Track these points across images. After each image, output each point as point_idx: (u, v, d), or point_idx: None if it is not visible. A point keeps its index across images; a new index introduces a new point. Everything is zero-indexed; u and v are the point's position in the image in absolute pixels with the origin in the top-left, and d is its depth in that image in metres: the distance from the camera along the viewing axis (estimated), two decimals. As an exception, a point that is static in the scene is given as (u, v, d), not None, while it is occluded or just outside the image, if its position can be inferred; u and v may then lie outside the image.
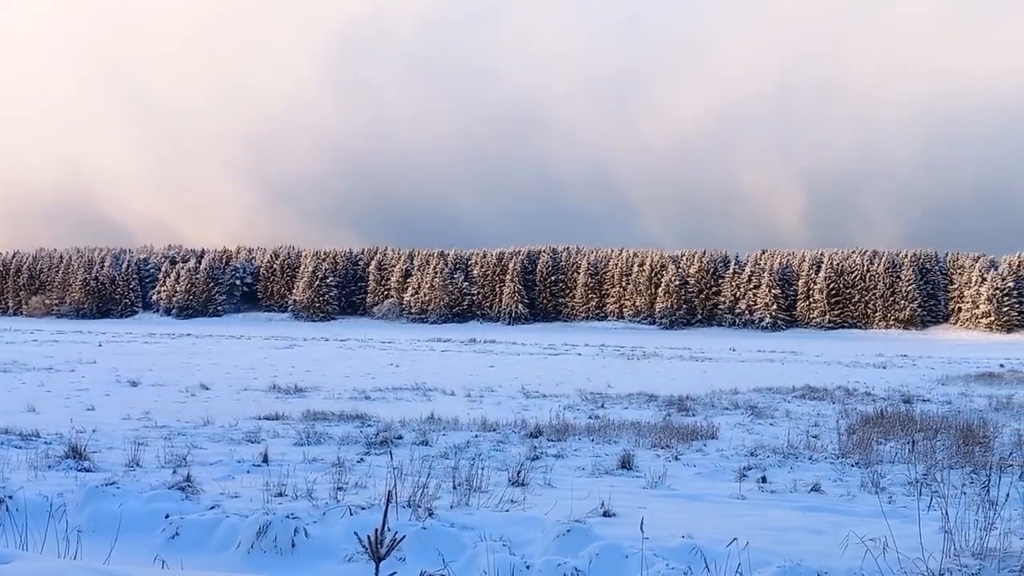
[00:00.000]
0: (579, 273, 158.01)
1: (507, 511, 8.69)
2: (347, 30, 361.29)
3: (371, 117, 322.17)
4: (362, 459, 12.79)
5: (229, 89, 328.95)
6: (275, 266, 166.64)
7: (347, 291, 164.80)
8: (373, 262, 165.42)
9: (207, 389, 25.53)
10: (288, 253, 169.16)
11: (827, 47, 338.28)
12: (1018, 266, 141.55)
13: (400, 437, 15.37)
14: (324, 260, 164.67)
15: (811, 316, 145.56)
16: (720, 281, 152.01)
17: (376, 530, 3.58)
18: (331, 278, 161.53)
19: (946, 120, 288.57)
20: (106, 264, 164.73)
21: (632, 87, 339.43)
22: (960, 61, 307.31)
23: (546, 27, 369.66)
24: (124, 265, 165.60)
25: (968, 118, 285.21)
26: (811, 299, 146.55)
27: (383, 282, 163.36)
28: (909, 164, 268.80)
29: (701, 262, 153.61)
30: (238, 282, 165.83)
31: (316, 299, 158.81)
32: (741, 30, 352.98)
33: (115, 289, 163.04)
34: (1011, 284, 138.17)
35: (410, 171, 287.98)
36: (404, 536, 4.50)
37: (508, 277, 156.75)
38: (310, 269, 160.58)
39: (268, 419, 18.23)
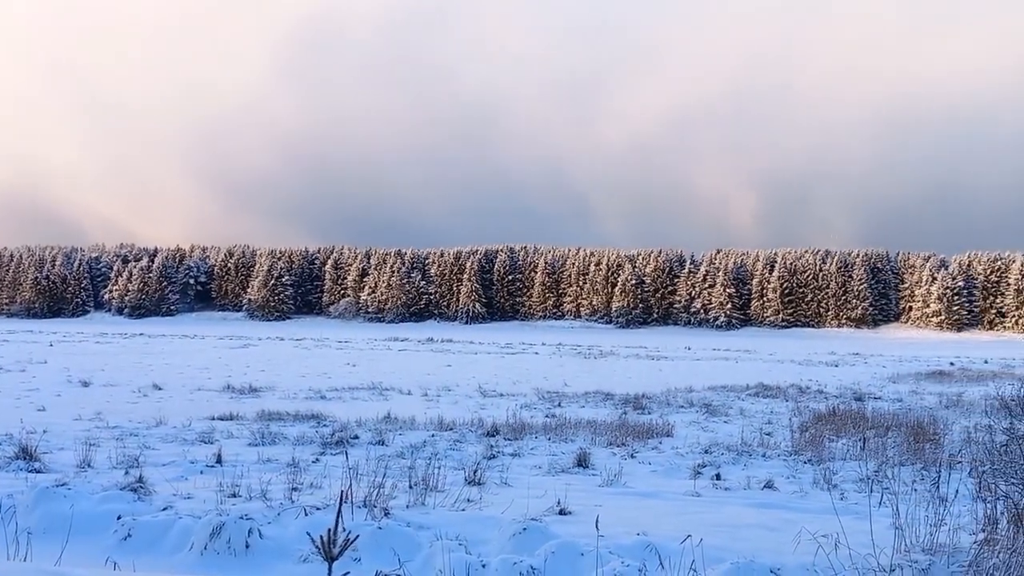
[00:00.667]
0: (536, 272, 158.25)
1: (463, 510, 8.69)
2: (303, 28, 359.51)
3: (327, 116, 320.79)
4: (317, 459, 12.71)
5: (182, 86, 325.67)
6: (230, 265, 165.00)
7: (303, 290, 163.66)
8: (329, 261, 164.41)
9: (160, 389, 25.22)
10: (243, 252, 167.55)
11: (779, 49, 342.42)
12: (968, 266, 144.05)
13: (356, 437, 15.29)
14: (280, 259, 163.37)
15: (765, 315, 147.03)
16: (676, 280, 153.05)
17: (329, 530, 3.57)
18: (287, 277, 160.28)
19: (896, 121, 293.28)
20: (57, 263, 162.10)
21: (589, 88, 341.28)
22: (910, 63, 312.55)
23: (503, 28, 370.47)
24: (76, 264, 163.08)
25: (918, 119, 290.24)
26: (765, 298, 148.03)
27: (339, 281, 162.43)
28: (860, 165, 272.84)
29: (657, 261, 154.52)
30: (192, 281, 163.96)
31: (271, 298, 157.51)
32: (695, 33, 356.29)
33: (66, 288, 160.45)
34: (961, 283, 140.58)
35: (367, 170, 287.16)
36: (358, 536, 4.49)
37: (466, 276, 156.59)
38: (265, 268, 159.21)
39: (222, 419, 18.05)
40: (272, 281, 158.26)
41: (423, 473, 9.83)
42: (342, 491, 5.09)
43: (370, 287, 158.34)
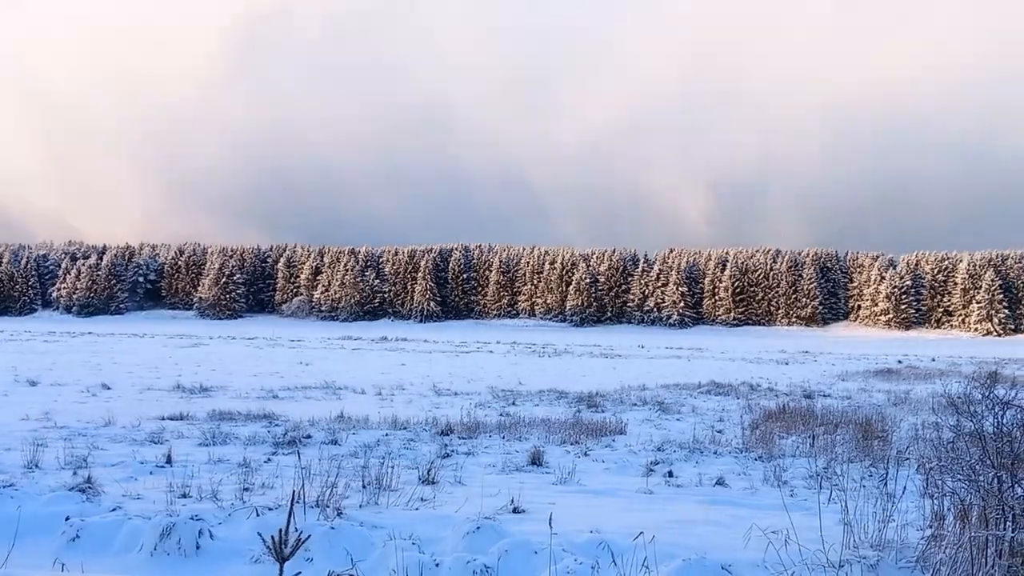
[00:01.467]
0: (491, 271, 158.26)
1: (417, 509, 8.67)
2: (251, 25, 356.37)
3: (279, 113, 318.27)
4: (269, 459, 12.61)
5: (129, 82, 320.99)
6: (180, 263, 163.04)
7: (255, 289, 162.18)
8: (282, 259, 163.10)
9: (109, 389, 24.85)
10: (194, 250, 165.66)
11: (729, 51, 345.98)
12: (916, 265, 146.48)
13: (309, 436, 15.19)
14: (231, 257, 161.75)
15: (717, 313, 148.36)
16: (629, 279, 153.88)
17: (280, 530, 3.54)
18: (238, 275, 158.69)
19: (843, 122, 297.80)
20: (3, 260, 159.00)
21: (542, 88, 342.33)
22: (857, 65, 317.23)
23: (455, 27, 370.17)
24: (23, 262, 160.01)
25: (864, 121, 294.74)
26: (717, 297, 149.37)
27: (292, 279, 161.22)
28: (809, 165, 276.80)
29: (611, 260, 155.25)
30: (141, 279, 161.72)
31: (223, 297, 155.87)
32: (647, 34, 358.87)
33: (13, 286, 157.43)
34: (909, 282, 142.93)
35: (319, 168, 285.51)
36: (309, 536, 4.46)
37: (420, 275, 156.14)
38: (216, 266, 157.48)
39: (172, 419, 17.84)
40: (224, 279, 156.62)
41: (376, 472, 9.79)
42: (294, 491, 5.06)
43: (323, 285, 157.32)
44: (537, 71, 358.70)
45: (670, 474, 12.08)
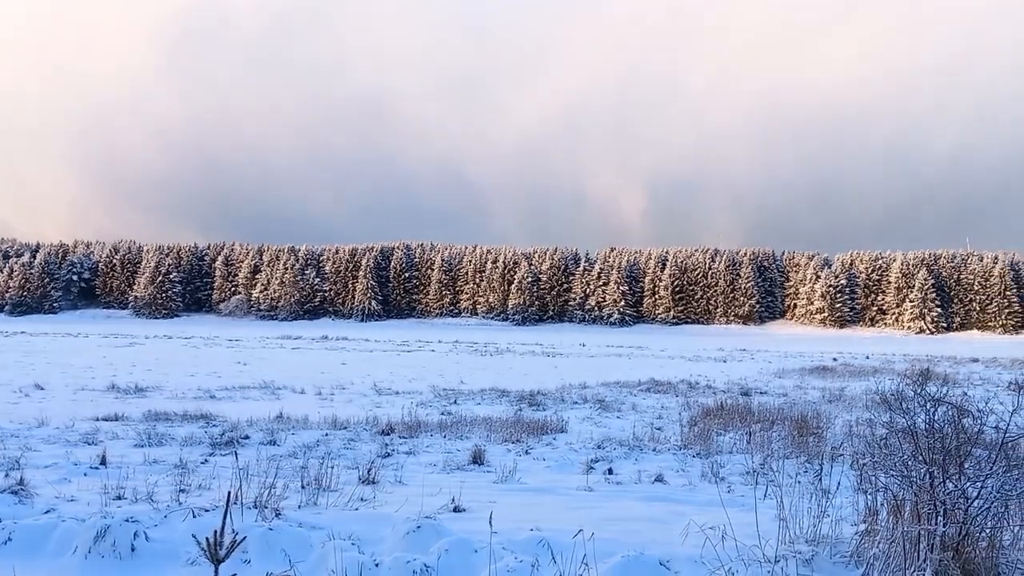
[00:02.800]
0: (433, 270, 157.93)
1: (357, 509, 8.61)
2: (187, 20, 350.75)
3: (215, 111, 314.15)
4: (206, 460, 12.44)
5: (58, 78, 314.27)
6: (115, 261, 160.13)
7: (192, 287, 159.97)
8: (220, 257, 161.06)
9: (42, 389, 24.33)
10: (129, 248, 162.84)
11: (666, 50, 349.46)
12: (850, 265, 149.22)
13: (247, 437, 15.02)
14: (168, 255, 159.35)
15: (657, 312, 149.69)
16: (571, 278, 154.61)
17: (215, 532, 3.49)
18: (175, 274, 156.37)
19: (778, 122, 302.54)
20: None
21: (480, 86, 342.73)
22: (790, 65, 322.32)
23: (394, 26, 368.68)
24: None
25: (797, 122, 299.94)
26: (657, 296, 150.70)
27: (230, 278, 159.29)
28: (744, 165, 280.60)
29: (553, 259, 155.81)
30: (75, 278, 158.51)
31: (159, 295, 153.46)
32: (584, 33, 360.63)
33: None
34: (843, 282, 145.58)
35: (257, 166, 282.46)
36: (245, 537, 4.41)
37: (361, 273, 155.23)
38: (152, 264, 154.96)
39: (107, 420, 17.53)
40: (160, 278, 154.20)
41: (316, 473, 9.71)
42: (229, 492, 4.99)
43: (262, 284, 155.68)
44: (476, 69, 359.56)
45: (610, 471, 12.16)
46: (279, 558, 6.65)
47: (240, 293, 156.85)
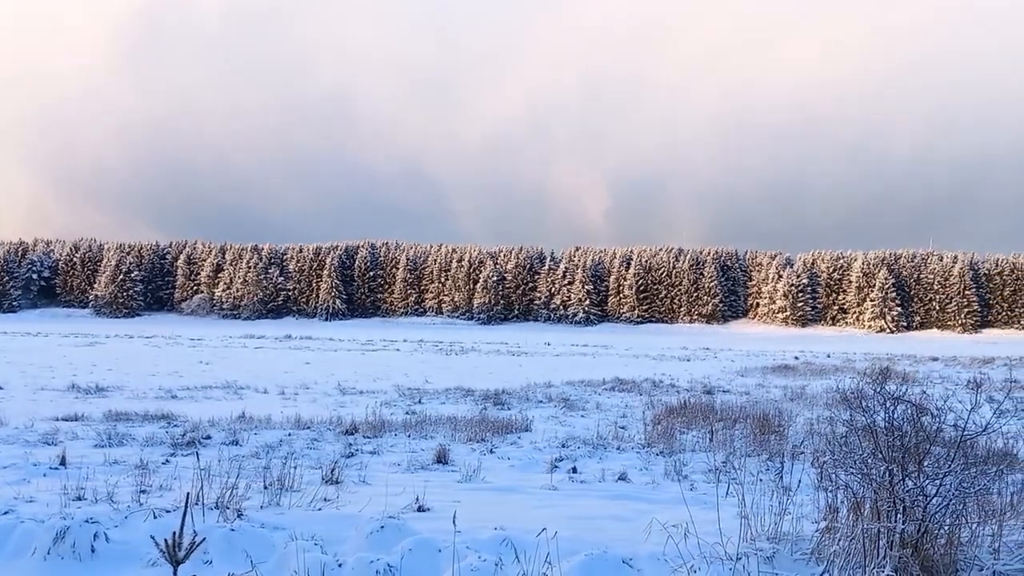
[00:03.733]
0: (398, 269, 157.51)
1: (320, 510, 8.56)
2: (148, 17, 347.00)
3: (175, 108, 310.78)
4: (168, 460, 12.32)
5: (15, 75, 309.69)
6: (75, 260, 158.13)
7: (154, 286, 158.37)
8: (182, 256, 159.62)
9: (1, 389, 23.98)
10: (90, 246, 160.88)
11: (633, 50, 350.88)
12: (812, 264, 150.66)
13: (209, 437, 14.88)
14: (129, 253, 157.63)
15: (621, 311, 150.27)
16: (536, 277, 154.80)
17: (174, 533, 3.45)
18: (136, 272, 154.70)
19: (741, 123, 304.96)
20: None
21: (445, 86, 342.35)
22: (755, 67, 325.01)
23: (358, 23, 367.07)
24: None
25: (762, 121, 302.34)
26: (621, 295, 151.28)
27: (193, 277, 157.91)
28: (707, 165, 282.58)
29: (518, 258, 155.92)
30: (35, 276, 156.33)
31: (120, 294, 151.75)
32: (550, 34, 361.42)
33: None
34: (805, 281, 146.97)
35: (219, 165, 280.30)
36: (204, 538, 4.37)
37: (325, 272, 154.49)
38: (113, 263, 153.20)
39: (67, 420, 17.30)
40: (121, 276, 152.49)
41: (279, 473, 9.65)
42: (188, 493, 4.95)
43: (225, 283, 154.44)
44: (441, 68, 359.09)
45: (574, 470, 12.20)
46: (241, 559, 6.60)
47: (202, 292, 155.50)
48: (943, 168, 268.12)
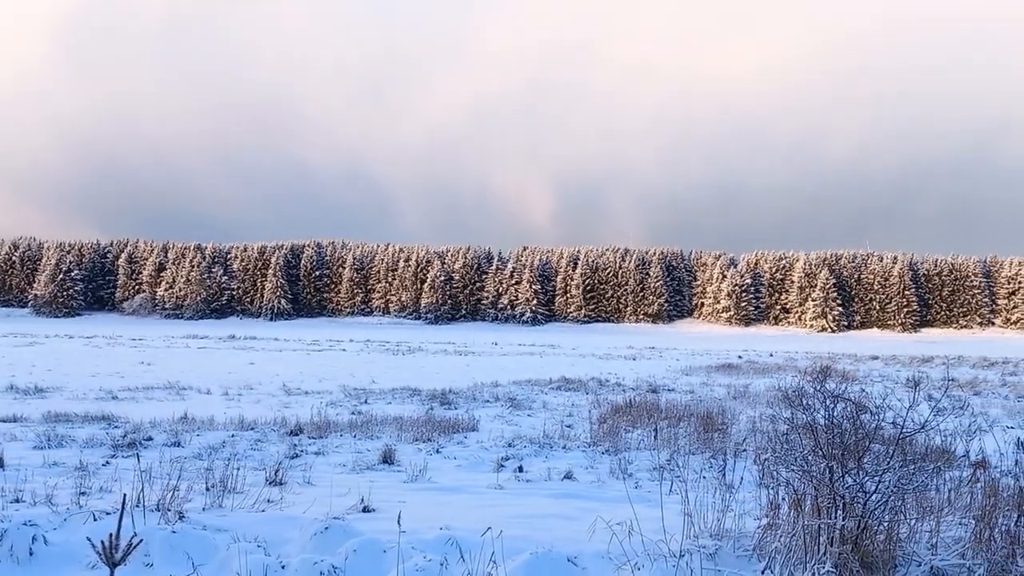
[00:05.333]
0: (345, 268, 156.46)
1: (263, 511, 8.47)
2: (86, 17, 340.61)
3: (115, 106, 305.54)
4: (108, 462, 12.14)
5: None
6: (14, 258, 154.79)
7: (94, 285, 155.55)
8: (123, 255, 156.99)
9: (-66, 391, 23.45)
10: (29, 245, 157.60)
11: (577, 48, 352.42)
12: (755, 264, 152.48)
13: (150, 438, 14.68)
14: (69, 252, 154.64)
15: (568, 311, 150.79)
16: (484, 277, 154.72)
17: (110, 535, 3.40)
18: (76, 271, 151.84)
19: (685, 123, 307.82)
20: None
21: (387, 86, 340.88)
22: (698, 67, 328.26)
23: (299, 23, 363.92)
24: None
25: (703, 124, 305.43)
26: (568, 294, 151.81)
27: (134, 276, 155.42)
28: (652, 165, 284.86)
29: (466, 258, 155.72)
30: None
31: (60, 294, 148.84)
32: (493, 34, 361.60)
33: None
34: (749, 281, 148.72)
35: (161, 164, 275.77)
36: (141, 540, 4.30)
37: (270, 272, 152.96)
38: (53, 262, 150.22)
39: (5, 421, 16.97)
40: (61, 275, 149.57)
41: (221, 474, 9.53)
42: (124, 495, 4.87)
43: (167, 282, 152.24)
44: (384, 69, 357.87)
45: (520, 469, 12.22)
46: (182, 561, 6.52)
47: (144, 291, 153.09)
48: (879, 171, 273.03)
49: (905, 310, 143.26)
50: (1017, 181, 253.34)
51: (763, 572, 6.29)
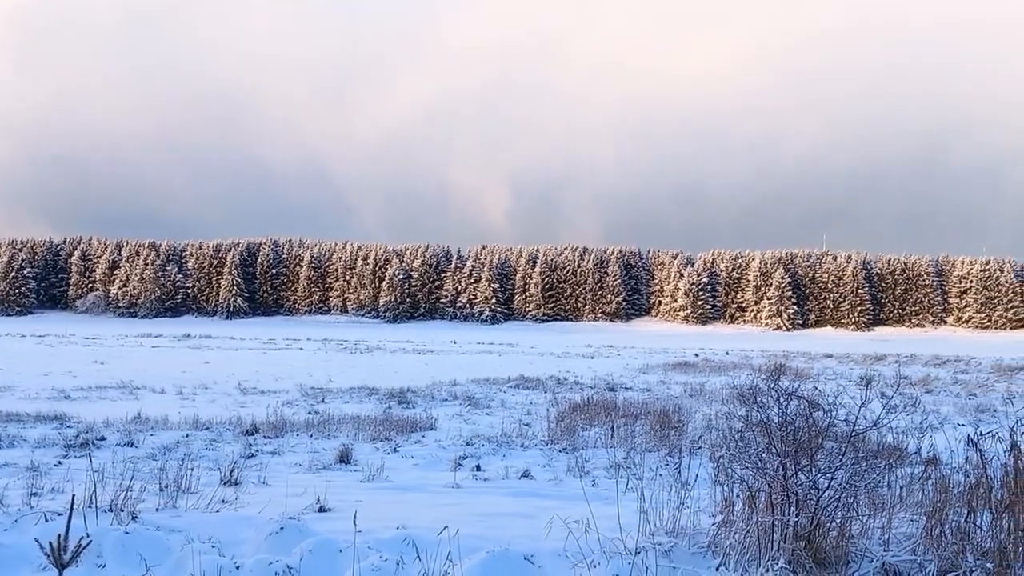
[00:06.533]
0: (302, 266, 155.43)
1: (218, 511, 8.40)
2: (38, 12, 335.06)
3: (68, 102, 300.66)
4: (60, 462, 12.00)
5: None
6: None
7: (47, 283, 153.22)
8: (76, 252, 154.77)
9: None
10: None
11: (538, 48, 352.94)
12: (712, 263, 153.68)
13: (103, 438, 14.51)
14: (21, 250, 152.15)
15: (527, 309, 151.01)
16: (443, 275, 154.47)
17: (59, 536, 3.35)
18: (29, 269, 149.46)
19: (643, 120, 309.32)
20: None
21: (345, 84, 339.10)
22: (656, 67, 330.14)
23: (255, 19, 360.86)
24: None
25: (663, 119, 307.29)
26: (527, 293, 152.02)
27: (87, 274, 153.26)
28: (609, 164, 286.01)
29: (425, 256, 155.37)
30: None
31: (11, 292, 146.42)
32: (456, 27, 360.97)
33: None
34: (705, 280, 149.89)
35: (114, 162, 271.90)
36: (91, 540, 4.25)
37: (226, 270, 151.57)
38: (5, 259, 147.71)
39: (-47, 422, 16.64)
40: (13, 273, 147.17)
41: (175, 474, 9.44)
42: (73, 495, 4.81)
43: (121, 280, 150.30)
44: (341, 67, 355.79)
45: (478, 468, 12.23)
46: (135, 562, 6.44)
47: (98, 290, 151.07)
48: (836, 171, 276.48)
49: (859, 309, 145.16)
50: (969, 183, 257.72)
51: (718, 569, 6.34)
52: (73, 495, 4.96)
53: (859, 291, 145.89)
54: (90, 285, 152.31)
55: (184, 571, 6.28)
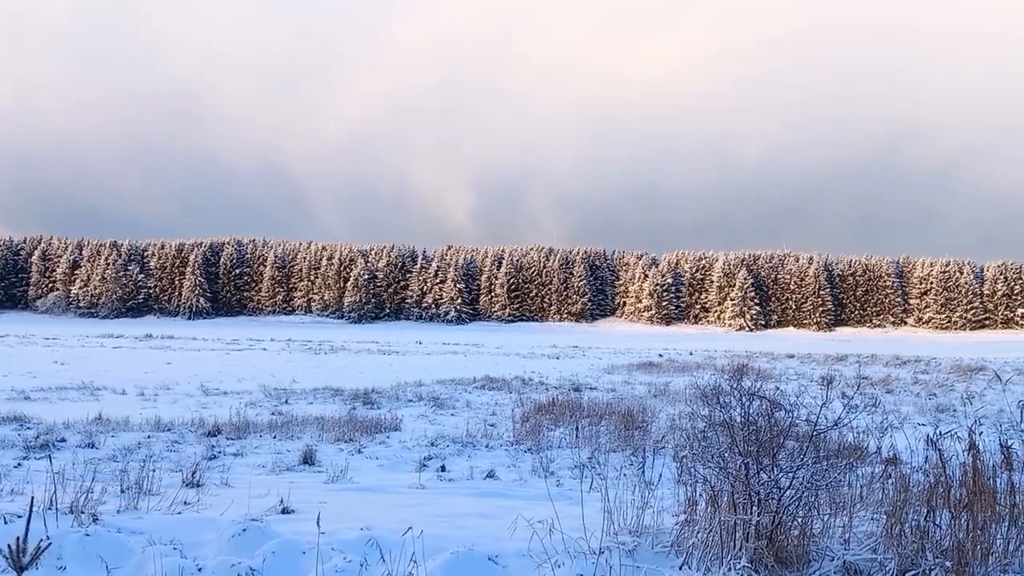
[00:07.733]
0: (266, 266, 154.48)
1: (180, 513, 8.33)
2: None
3: (22, 101, 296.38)
4: (20, 464, 11.84)
5: None
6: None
7: (6, 283, 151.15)
8: (36, 252, 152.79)
9: None
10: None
11: (495, 47, 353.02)
12: (676, 264, 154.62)
13: (63, 440, 14.33)
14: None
15: (493, 310, 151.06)
16: (408, 275, 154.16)
17: (18, 538, 3.31)
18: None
19: (603, 121, 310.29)
20: None
21: (303, 84, 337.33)
22: (615, 66, 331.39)
23: (212, 17, 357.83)
24: None
25: (622, 120, 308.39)
26: (493, 293, 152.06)
27: (48, 274, 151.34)
28: (571, 165, 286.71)
29: (390, 257, 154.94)
30: None
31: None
32: (408, 33, 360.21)
33: None
34: (670, 280, 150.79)
35: (72, 161, 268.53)
36: (51, 543, 4.20)
37: (189, 270, 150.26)
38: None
39: (-92, 425, 16.38)
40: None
41: (137, 476, 9.34)
42: (32, 496, 4.75)
43: (82, 280, 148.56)
44: (299, 66, 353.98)
45: (443, 469, 12.23)
46: (96, 564, 6.38)
47: (58, 290, 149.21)
48: (793, 172, 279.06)
49: (820, 309, 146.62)
50: (923, 184, 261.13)
51: (681, 568, 6.38)
52: (33, 497, 4.89)
53: (821, 292, 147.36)
54: (51, 285, 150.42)
55: (145, 573, 6.23)
